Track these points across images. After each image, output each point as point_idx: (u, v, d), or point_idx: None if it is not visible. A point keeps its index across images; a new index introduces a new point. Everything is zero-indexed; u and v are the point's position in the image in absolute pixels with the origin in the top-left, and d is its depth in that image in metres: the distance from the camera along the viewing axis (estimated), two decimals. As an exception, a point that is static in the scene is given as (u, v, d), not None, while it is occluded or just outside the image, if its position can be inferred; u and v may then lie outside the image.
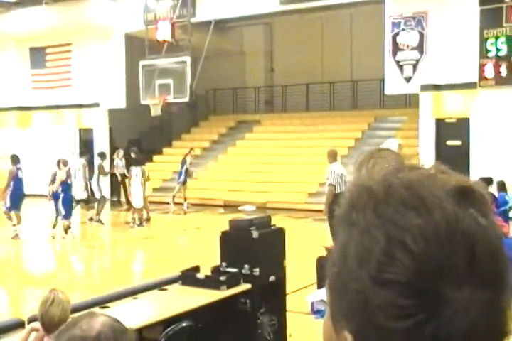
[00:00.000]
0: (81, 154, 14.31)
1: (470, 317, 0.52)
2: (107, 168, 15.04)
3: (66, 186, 12.02)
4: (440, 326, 0.52)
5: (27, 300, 7.29)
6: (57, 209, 11.98)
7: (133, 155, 14.09)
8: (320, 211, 13.11)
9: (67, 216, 11.87)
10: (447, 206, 0.54)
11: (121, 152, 15.62)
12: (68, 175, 12.14)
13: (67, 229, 11.89)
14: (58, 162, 12.30)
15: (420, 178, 0.57)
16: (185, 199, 15.44)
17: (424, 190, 0.56)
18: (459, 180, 0.58)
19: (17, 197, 12.00)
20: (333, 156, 9.38)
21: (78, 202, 13.13)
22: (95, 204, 13.65)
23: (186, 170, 15.47)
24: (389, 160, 0.51)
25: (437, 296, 0.52)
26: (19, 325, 4.14)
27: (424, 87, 14.08)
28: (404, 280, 0.53)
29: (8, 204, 11.90)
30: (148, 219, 13.78)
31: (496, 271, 0.55)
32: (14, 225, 11.92)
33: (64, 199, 11.89)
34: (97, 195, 13.70)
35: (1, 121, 20.73)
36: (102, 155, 14.66)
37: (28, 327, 3.40)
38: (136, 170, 13.19)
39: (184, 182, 15.39)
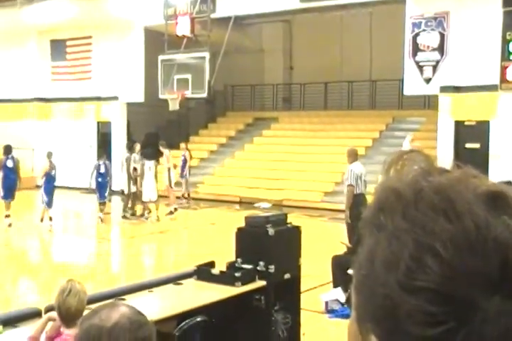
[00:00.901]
0: (128, 148, 14.15)
1: (501, 325, 0.51)
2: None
3: (50, 177, 12.41)
4: (470, 334, 0.51)
5: (44, 290, 7.37)
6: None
7: (162, 149, 14.15)
8: (336, 210, 13.10)
9: (50, 204, 12.23)
10: (478, 211, 0.53)
11: (138, 146, 15.65)
12: (52, 167, 12.51)
13: (43, 216, 12.24)
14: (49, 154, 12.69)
15: (450, 182, 0.56)
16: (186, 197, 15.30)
17: (454, 194, 0.54)
18: (491, 185, 0.56)
19: (8, 185, 12.24)
20: (353, 156, 9.14)
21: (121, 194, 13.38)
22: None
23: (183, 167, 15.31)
24: (418, 162, 0.51)
25: (467, 304, 0.51)
26: (36, 314, 4.18)
27: (444, 89, 13.97)
28: (434, 286, 0.51)
29: (2, 193, 12.14)
30: (172, 212, 13.92)
31: None
32: (7, 216, 12.13)
33: (46, 188, 12.30)
34: (126, 190, 13.70)
35: (21, 112, 20.91)
36: (130, 149, 14.33)
37: (45, 316, 3.44)
38: (149, 164, 13.32)
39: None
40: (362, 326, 0.58)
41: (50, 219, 12.27)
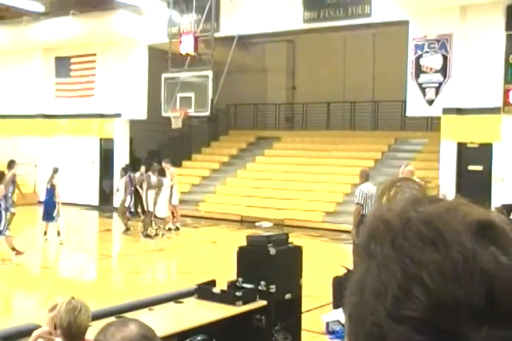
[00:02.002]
0: (130, 169, 14.07)
1: None
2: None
3: (48, 191, 12.56)
4: None
5: (44, 306, 7.31)
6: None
7: (166, 166, 14.17)
8: (337, 230, 13.06)
9: (49, 219, 12.36)
10: (466, 242, 0.54)
11: (142, 168, 15.43)
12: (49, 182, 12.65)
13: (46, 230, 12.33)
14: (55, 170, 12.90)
15: (440, 212, 0.56)
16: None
17: (443, 224, 0.55)
18: (481, 215, 0.56)
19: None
20: (365, 176, 9.25)
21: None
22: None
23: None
24: (411, 190, 0.52)
25: (454, 334, 0.51)
26: (35, 329, 4.15)
27: (447, 111, 14.02)
28: (420, 316, 0.52)
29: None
30: (176, 228, 13.94)
31: None
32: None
33: (46, 202, 12.46)
34: (145, 208, 13.58)
35: (25, 128, 21.00)
36: (134, 169, 14.18)
37: (34, 334, 3.37)
38: (165, 181, 13.76)
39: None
40: None
41: (59, 233, 12.34)
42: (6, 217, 10.90)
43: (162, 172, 14.06)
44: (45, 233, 12.40)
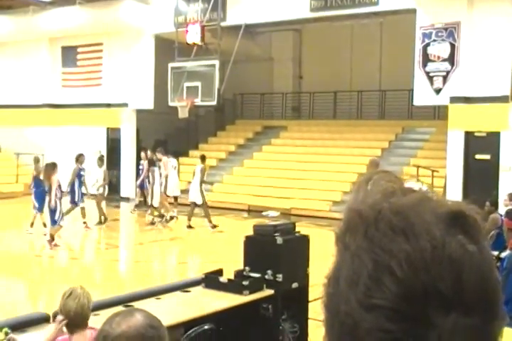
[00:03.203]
0: (202, 159, 13.77)
1: None
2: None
3: (37, 181, 12.45)
4: None
5: (52, 296, 7.37)
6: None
7: (159, 156, 14.20)
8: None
9: (41, 209, 12.18)
10: (435, 231, 0.55)
11: (142, 154, 15.72)
12: (38, 172, 12.53)
13: (33, 221, 12.21)
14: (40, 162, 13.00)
15: (412, 203, 0.57)
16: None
17: (413, 215, 0.56)
18: (452, 206, 0.58)
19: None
20: (374, 166, 9.13)
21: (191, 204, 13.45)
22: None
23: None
24: (387, 183, 0.52)
25: (423, 321, 0.52)
26: (44, 319, 4.19)
27: (454, 99, 13.93)
28: (390, 305, 0.53)
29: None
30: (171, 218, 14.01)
31: (484, 298, 0.55)
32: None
33: (35, 193, 12.30)
34: (201, 201, 13.42)
35: (32, 118, 21.04)
36: (202, 158, 13.82)
37: (56, 321, 3.41)
38: (173, 162, 14.10)
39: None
40: None
41: (44, 225, 12.15)
42: (61, 207, 10.92)
43: (151, 162, 14.15)
44: (44, 225, 12.21)
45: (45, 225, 12.14)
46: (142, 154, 15.38)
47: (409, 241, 0.54)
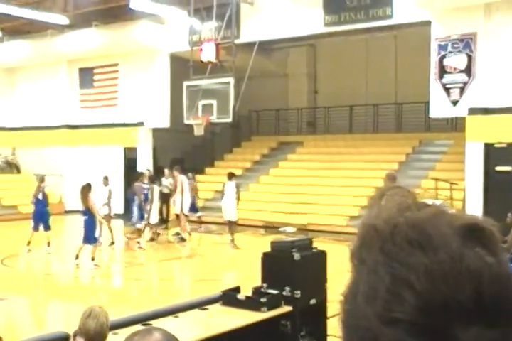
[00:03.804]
0: (231, 176, 13.89)
1: None
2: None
3: (36, 201, 12.55)
4: None
5: (72, 315, 7.37)
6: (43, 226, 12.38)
7: (176, 174, 14.31)
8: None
9: (35, 229, 12.32)
10: (453, 244, 0.55)
11: (167, 171, 15.84)
12: (38, 191, 12.65)
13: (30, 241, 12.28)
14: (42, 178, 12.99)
15: (427, 217, 0.57)
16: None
17: (430, 228, 0.56)
18: (468, 218, 0.58)
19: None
20: (391, 180, 9.09)
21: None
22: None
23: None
24: (400, 197, 0.52)
25: (443, 334, 0.52)
26: (64, 338, 4.18)
27: (472, 111, 13.81)
28: (410, 318, 0.52)
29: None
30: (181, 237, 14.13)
31: (505, 309, 0.54)
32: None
33: (34, 212, 12.48)
34: (236, 218, 13.63)
35: (50, 139, 21.30)
36: (232, 176, 13.90)
37: None
38: (185, 179, 14.32)
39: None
40: None
41: (48, 244, 12.30)
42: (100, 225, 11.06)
43: (153, 179, 14.33)
44: (48, 244, 12.33)
45: (49, 244, 12.29)
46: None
47: (427, 254, 0.54)
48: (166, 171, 15.71)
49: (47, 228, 12.45)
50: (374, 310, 0.55)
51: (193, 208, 15.29)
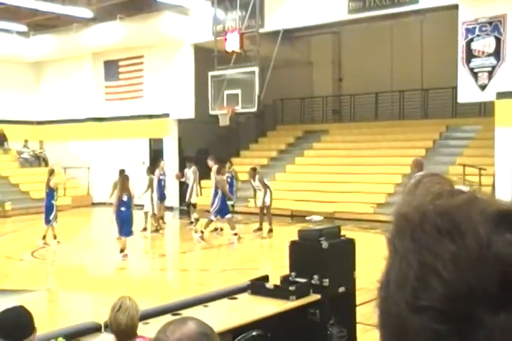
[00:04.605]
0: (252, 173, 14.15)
1: None
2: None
3: (46, 194, 12.60)
4: None
5: (102, 305, 7.49)
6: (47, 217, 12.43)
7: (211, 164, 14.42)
8: (389, 222, 12.83)
9: (48, 221, 12.38)
10: (481, 231, 0.54)
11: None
12: (50, 183, 12.58)
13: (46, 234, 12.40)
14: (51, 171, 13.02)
15: (458, 204, 0.58)
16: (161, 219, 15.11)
17: (459, 215, 0.56)
18: (500, 205, 0.57)
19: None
20: (419, 166, 9.02)
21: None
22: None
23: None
24: (435, 185, 0.52)
25: (471, 321, 0.52)
26: (96, 328, 4.25)
27: (501, 95, 13.56)
28: (438, 305, 0.53)
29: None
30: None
31: None
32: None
33: (47, 205, 12.51)
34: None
35: (77, 132, 21.55)
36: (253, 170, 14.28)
37: None
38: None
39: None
40: None
41: (55, 236, 12.40)
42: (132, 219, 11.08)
43: (151, 171, 14.75)
44: (43, 237, 12.35)
45: (55, 236, 12.36)
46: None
47: (454, 242, 0.54)
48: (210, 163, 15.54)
49: (46, 222, 12.36)
50: (404, 297, 0.55)
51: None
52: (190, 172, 15.10)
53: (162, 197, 14.94)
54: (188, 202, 15.10)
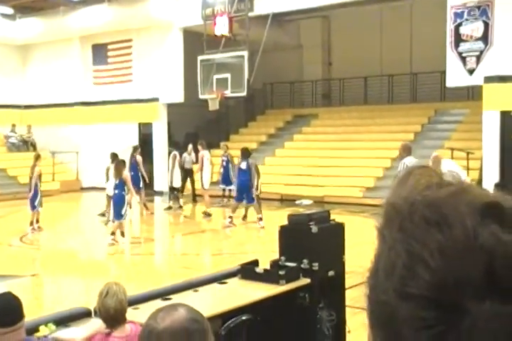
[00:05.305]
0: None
1: (491, 329, 0.53)
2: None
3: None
4: (460, 337, 0.54)
5: (91, 291, 7.52)
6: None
7: (200, 149, 14.41)
8: (378, 206, 12.93)
9: (34, 207, 12.23)
10: (468, 222, 0.56)
11: (190, 147, 15.87)
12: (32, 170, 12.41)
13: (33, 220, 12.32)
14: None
15: (446, 195, 0.59)
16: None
17: (447, 206, 0.57)
18: (487, 197, 0.59)
19: None
20: (407, 151, 9.17)
21: None
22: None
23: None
24: (425, 177, 0.53)
25: (457, 309, 0.54)
26: (86, 314, 4.27)
27: (489, 79, 13.62)
28: (425, 293, 0.55)
29: None
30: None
31: None
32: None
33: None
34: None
35: (65, 116, 21.38)
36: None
37: (94, 328, 3.45)
38: (207, 154, 14.26)
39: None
40: (372, 332, 0.62)
41: (37, 221, 12.37)
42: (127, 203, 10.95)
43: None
44: (31, 223, 12.30)
45: (38, 221, 12.30)
46: (190, 147, 15.51)
47: (442, 232, 0.56)
48: (190, 147, 15.71)
49: (32, 207, 12.25)
50: (392, 285, 0.57)
51: (228, 181, 15.40)
52: (189, 157, 15.24)
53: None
54: (170, 186, 15.14)
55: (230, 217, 12.63)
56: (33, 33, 21.25)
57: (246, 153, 12.67)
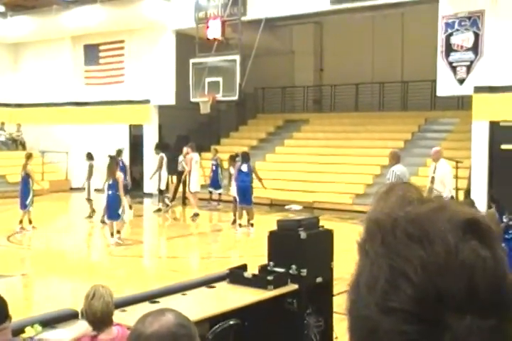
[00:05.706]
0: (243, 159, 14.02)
1: None
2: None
3: (25, 178, 12.41)
4: None
5: (79, 292, 7.48)
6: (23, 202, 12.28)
7: (190, 152, 14.46)
8: (367, 212, 12.98)
9: (25, 206, 12.22)
10: (449, 238, 0.57)
11: (184, 149, 15.79)
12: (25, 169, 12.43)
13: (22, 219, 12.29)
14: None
15: (427, 211, 0.60)
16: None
17: (428, 223, 0.59)
18: (467, 214, 0.60)
19: None
20: (396, 158, 9.24)
21: None
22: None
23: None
24: (406, 193, 0.55)
25: (438, 323, 0.55)
26: (73, 315, 4.26)
27: (479, 89, 13.74)
28: (406, 308, 0.55)
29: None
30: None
31: (498, 301, 0.56)
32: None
33: (23, 190, 12.34)
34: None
35: (56, 116, 21.28)
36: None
37: (81, 331, 3.44)
38: (196, 157, 14.22)
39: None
40: None
41: (30, 221, 12.31)
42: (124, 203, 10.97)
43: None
44: (20, 222, 12.24)
45: (30, 221, 12.22)
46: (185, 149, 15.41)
47: (424, 248, 0.57)
48: (185, 149, 15.63)
49: (22, 207, 12.21)
50: (374, 300, 0.58)
51: (216, 185, 15.51)
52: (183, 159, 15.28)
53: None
54: (158, 188, 15.12)
55: (240, 225, 12.57)
56: (25, 31, 21.15)
57: (246, 156, 12.78)
